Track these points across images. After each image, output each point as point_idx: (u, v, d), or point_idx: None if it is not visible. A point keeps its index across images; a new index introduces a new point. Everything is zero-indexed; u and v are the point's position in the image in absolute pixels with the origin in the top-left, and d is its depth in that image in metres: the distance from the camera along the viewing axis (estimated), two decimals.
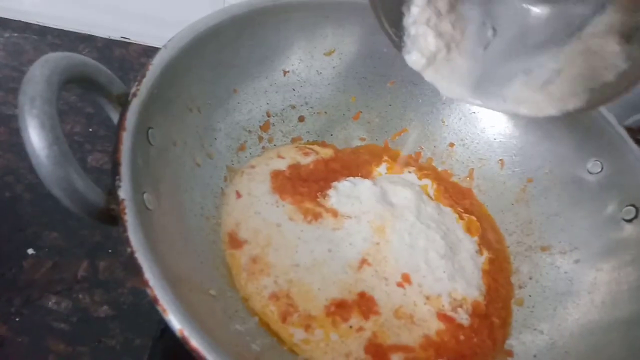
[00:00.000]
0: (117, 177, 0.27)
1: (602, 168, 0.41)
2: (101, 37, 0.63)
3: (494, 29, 0.34)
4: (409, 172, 0.48)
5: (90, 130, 0.52)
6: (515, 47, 0.34)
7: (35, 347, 0.37)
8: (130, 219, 0.26)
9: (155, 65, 0.33)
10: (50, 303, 0.39)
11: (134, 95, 0.31)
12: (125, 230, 0.25)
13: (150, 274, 0.24)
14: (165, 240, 0.30)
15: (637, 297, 0.34)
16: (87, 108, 0.53)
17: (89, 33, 0.62)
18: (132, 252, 0.25)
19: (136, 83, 0.32)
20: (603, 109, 0.41)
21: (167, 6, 0.58)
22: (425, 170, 0.49)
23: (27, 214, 0.44)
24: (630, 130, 0.40)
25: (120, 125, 0.29)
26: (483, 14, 0.34)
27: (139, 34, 0.62)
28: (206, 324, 0.26)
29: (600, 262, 0.38)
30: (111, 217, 0.27)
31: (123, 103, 0.31)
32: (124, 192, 0.27)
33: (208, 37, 0.38)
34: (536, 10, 0.33)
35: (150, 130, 0.32)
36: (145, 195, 0.29)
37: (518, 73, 0.33)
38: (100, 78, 0.30)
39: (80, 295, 0.40)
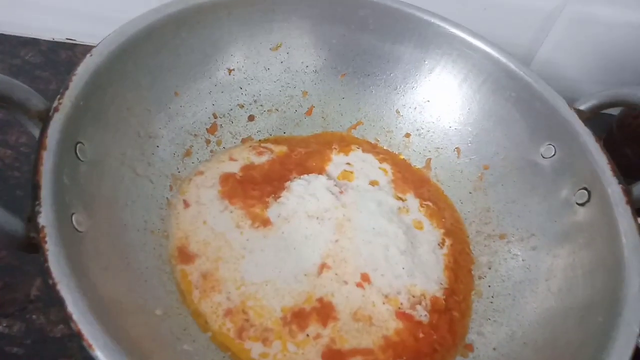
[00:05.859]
0: (37, 202, 0.25)
1: (555, 152, 0.40)
2: (45, 40, 0.59)
3: None
4: (361, 150, 0.47)
5: None
6: None
7: None
8: (51, 247, 0.24)
9: (80, 75, 0.31)
10: (1, 327, 0.37)
11: (56, 110, 0.29)
12: (45, 261, 0.24)
13: (73, 307, 0.23)
14: (101, 262, 0.28)
15: (591, 282, 0.33)
16: None
17: (31, 36, 0.59)
18: (54, 284, 0.23)
19: (58, 96, 0.30)
20: (553, 92, 0.41)
21: (114, 3, 0.55)
22: (383, 154, 0.48)
23: None
24: (580, 112, 0.40)
25: (40, 144, 0.27)
26: None
27: (86, 34, 0.59)
28: (146, 349, 0.25)
29: (556, 248, 0.38)
30: (34, 245, 0.25)
31: (44, 119, 0.29)
32: (44, 218, 0.25)
33: (140, 40, 0.36)
34: None
35: (79, 145, 0.30)
36: (74, 217, 0.28)
37: None
38: (14, 94, 0.28)
39: (34, 316, 0.38)
